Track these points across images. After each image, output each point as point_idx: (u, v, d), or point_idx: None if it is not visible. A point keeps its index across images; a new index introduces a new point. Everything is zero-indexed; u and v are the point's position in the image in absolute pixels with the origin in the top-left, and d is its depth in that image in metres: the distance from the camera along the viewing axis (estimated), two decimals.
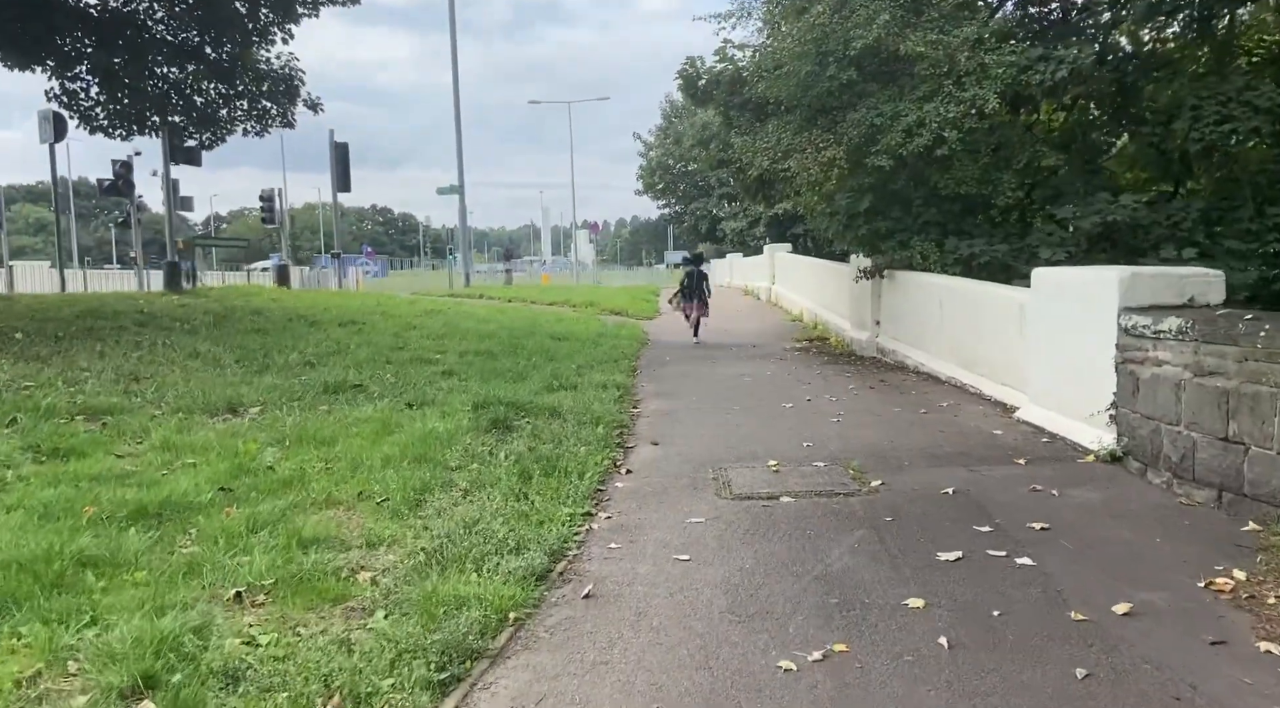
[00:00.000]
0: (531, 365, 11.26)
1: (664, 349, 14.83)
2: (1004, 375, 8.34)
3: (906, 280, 11.83)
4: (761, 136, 13.19)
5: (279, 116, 18.29)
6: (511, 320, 17.18)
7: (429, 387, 9.22)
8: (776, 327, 19.11)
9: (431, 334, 14.13)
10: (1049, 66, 10.89)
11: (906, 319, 11.79)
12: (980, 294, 9.05)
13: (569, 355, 12.56)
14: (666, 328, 18.94)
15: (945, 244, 11.66)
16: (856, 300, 13.87)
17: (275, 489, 5.43)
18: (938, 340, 10.44)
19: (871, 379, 10.58)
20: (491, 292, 26.07)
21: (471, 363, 11.24)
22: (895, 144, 11.30)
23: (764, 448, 6.93)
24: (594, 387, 9.80)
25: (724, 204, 52.30)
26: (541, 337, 14.59)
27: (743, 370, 11.90)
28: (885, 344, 12.58)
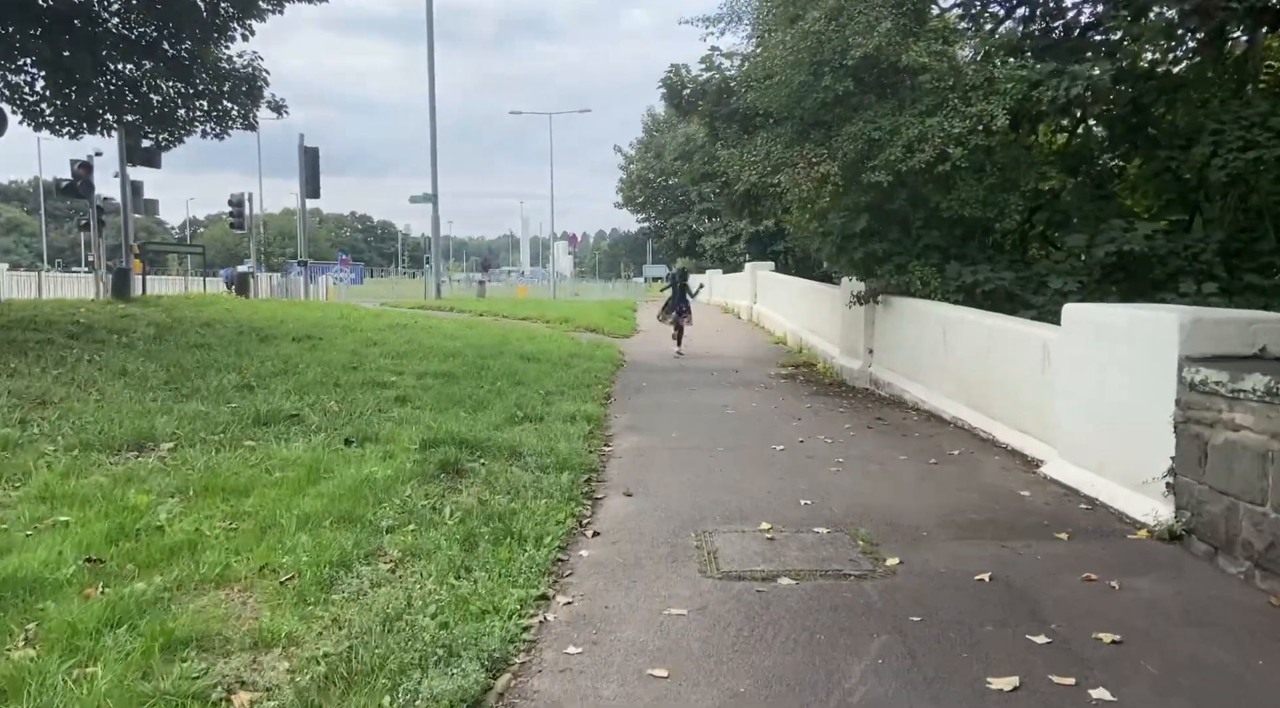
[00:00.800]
0: (495, 392, 10.26)
1: (640, 372, 13.88)
2: (1022, 421, 7.46)
3: (904, 307, 10.97)
4: (750, 149, 12.31)
5: (240, 118, 17.20)
6: (480, 337, 16.17)
7: (377, 417, 8.20)
8: (759, 349, 18.23)
9: (391, 352, 13.09)
10: (1062, 82, 10.10)
11: (904, 350, 10.92)
12: (994, 329, 8.17)
13: (537, 379, 11.58)
14: (644, 348, 17.99)
15: (946, 269, 10.83)
16: (848, 326, 13.00)
17: (159, 560, 4.40)
18: (940, 376, 9.56)
19: (867, 416, 9.68)
20: (462, 304, 25.02)
21: (429, 387, 10.22)
22: (895, 159, 10.47)
23: (754, 504, 5.98)
24: (562, 419, 8.83)
25: (704, 219, 51.58)
26: (510, 357, 13.59)
27: (725, 400, 10.97)
28: (879, 375, 11.70)
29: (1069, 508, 5.73)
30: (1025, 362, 7.37)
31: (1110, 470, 5.69)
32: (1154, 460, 5.14)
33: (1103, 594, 4.25)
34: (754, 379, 13.34)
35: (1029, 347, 7.33)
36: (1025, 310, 10.25)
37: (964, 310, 9.25)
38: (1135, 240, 10.15)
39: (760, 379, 13.34)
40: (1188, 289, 10.06)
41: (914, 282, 10.80)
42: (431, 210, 27.83)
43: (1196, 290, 10.01)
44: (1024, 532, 5.26)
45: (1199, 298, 9.97)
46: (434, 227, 28.76)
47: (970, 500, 5.98)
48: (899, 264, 11.11)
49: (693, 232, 53.97)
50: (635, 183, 55.93)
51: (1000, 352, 7.98)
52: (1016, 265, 10.99)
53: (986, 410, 8.23)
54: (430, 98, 28.23)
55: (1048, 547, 4.97)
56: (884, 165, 10.59)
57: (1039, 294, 10.47)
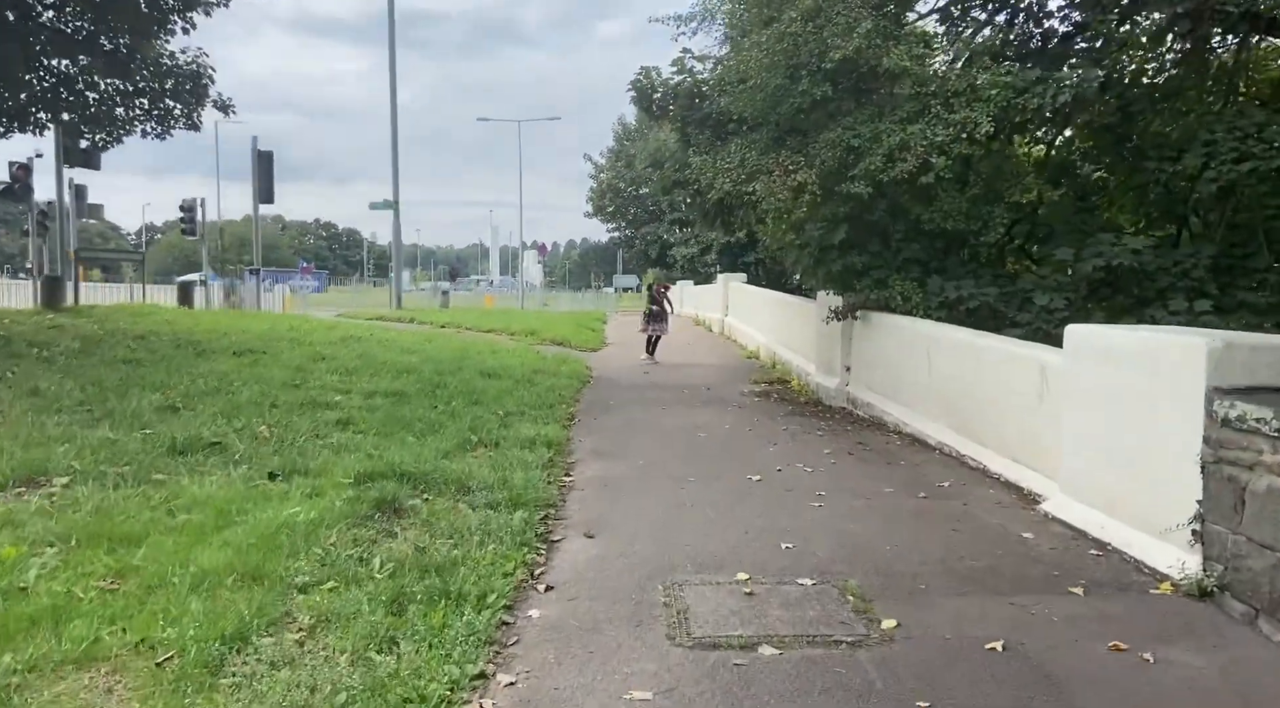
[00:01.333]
0: (449, 413, 9.53)
1: (608, 389, 13.20)
2: (1017, 450, 6.88)
3: (884, 324, 10.41)
4: (723, 156, 11.73)
5: (184, 117, 16.33)
6: (438, 351, 15.39)
7: (313, 444, 7.44)
8: (732, 364, 17.63)
9: (340, 368, 12.29)
10: (1049, 90, 9.63)
11: (884, 368, 10.35)
12: (984, 349, 7.61)
13: (497, 398, 10.86)
14: (612, 362, 17.31)
15: (928, 284, 10.29)
16: (824, 342, 12.43)
17: (14, 632, 3.64)
18: (924, 397, 8.99)
19: (847, 440, 9.08)
20: (424, 315, 24.17)
21: (377, 408, 9.46)
22: (875, 169, 9.92)
23: (729, 547, 5.33)
24: (519, 444, 8.13)
25: (675, 229, 51.10)
26: (469, 373, 12.84)
27: (697, 421, 10.32)
28: (858, 394, 11.12)
29: (1079, 555, 5.13)
30: (1020, 386, 6.80)
31: (1123, 511, 5.11)
32: (1176, 503, 4.56)
33: (1136, 670, 3.63)
34: (727, 397, 12.71)
35: (1024, 370, 6.76)
36: (1010, 329, 9.75)
37: (949, 329, 8.70)
38: (1124, 255, 9.68)
39: (733, 397, 12.72)
40: (1178, 306, 9.61)
41: (894, 297, 10.25)
42: (393, 217, 26.96)
43: (1188, 308, 9.56)
44: (1033, 585, 4.65)
45: (1191, 316, 9.52)
46: (395, 234, 27.87)
47: (968, 544, 5.37)
48: (878, 278, 10.55)
49: (663, 242, 53.47)
50: (605, 192, 55.35)
51: (991, 374, 7.41)
52: (1000, 281, 10.48)
53: (976, 437, 7.66)
54: (392, 105, 27.40)
55: (1063, 605, 4.35)
56: (864, 175, 10.05)
57: (1024, 311, 9.97)
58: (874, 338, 10.72)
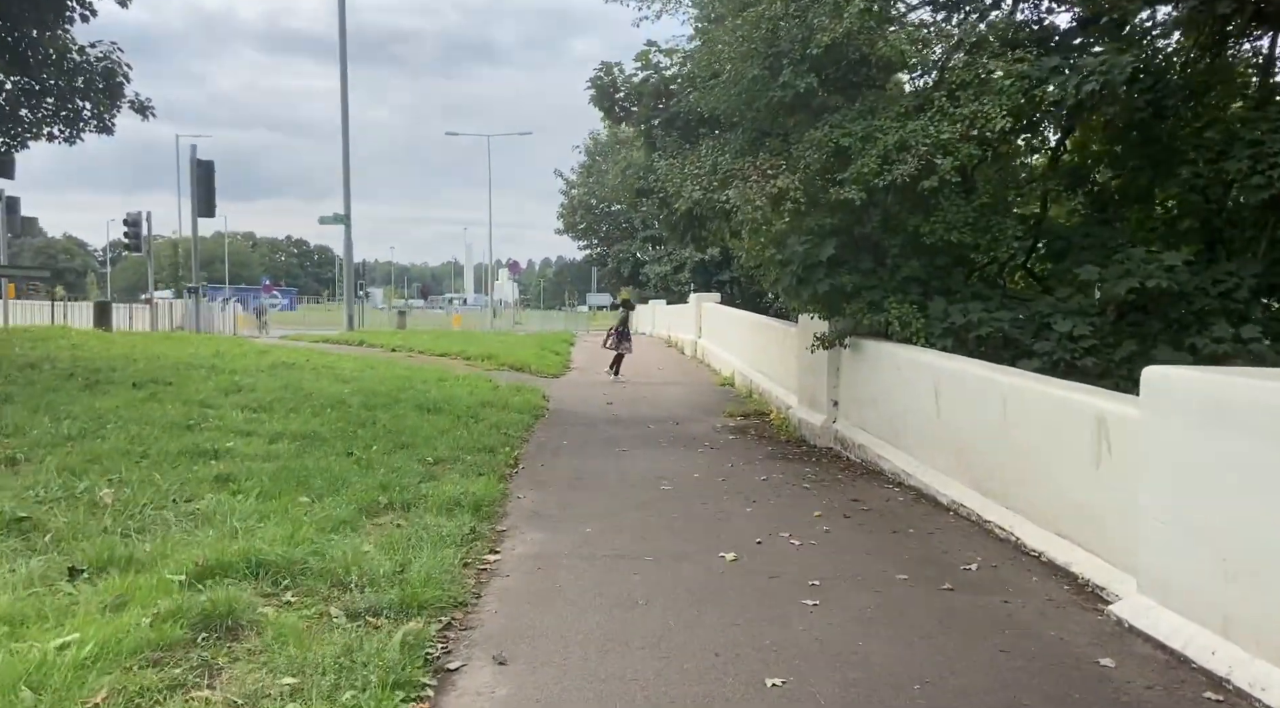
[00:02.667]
0: (364, 462, 7.94)
1: (564, 425, 11.63)
2: (1061, 522, 5.40)
3: (879, 354, 8.95)
4: (692, 160, 10.26)
5: (94, 118, 14.66)
6: (379, 380, 13.76)
7: (163, 516, 5.81)
8: (704, 391, 16.12)
9: (254, 402, 10.64)
10: (1071, 80, 8.26)
11: (880, 406, 8.88)
12: (1015, 391, 6.13)
13: (429, 441, 9.28)
14: (573, 391, 15.74)
15: (930, 308, 8.85)
16: (809, 373, 10.95)
17: None
18: (932, 444, 7.52)
19: (840, 495, 7.56)
20: (377, 337, 22.44)
21: (277, 457, 7.85)
22: (868, 172, 8.50)
23: (693, 689, 3.77)
24: (440, 506, 6.56)
25: (648, 247, 49.73)
26: (405, 408, 11.25)
27: (662, 467, 8.79)
28: (848, 434, 9.63)
29: (1192, 700, 3.63)
30: (1067, 441, 5.33)
31: (1246, 633, 3.63)
32: None
33: None
34: (698, 434, 11.19)
35: (1073, 420, 5.29)
36: (1026, 360, 8.32)
37: (963, 362, 7.23)
38: (1159, 274, 8.30)
39: (705, 434, 11.19)
40: (1222, 333, 8.23)
41: (891, 322, 8.80)
42: (344, 233, 25.27)
43: (1234, 335, 8.19)
44: None
45: (1237, 344, 8.15)
46: (346, 250, 26.16)
47: (1026, 676, 3.85)
48: (872, 300, 9.10)
49: (635, 260, 52.07)
50: (576, 208, 53.95)
51: (1025, 423, 5.94)
52: (1011, 303, 9.06)
53: (1003, 499, 6.17)
54: (343, 117, 25.87)
55: None
56: (855, 179, 8.61)
57: (1042, 339, 8.53)
58: (867, 370, 9.26)
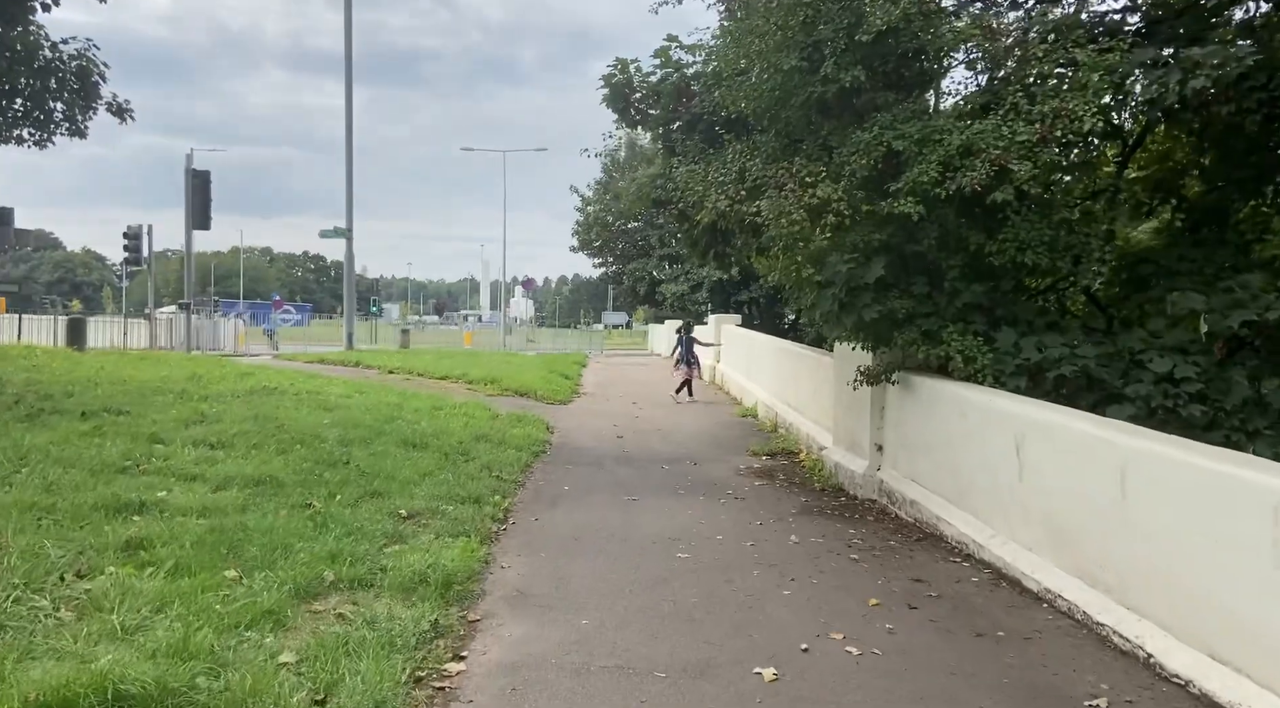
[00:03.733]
0: (322, 516, 6.63)
1: (566, 465, 10.28)
2: (1224, 642, 4.00)
3: (938, 394, 7.56)
4: (717, 167, 8.97)
5: (66, 120, 13.54)
6: (365, 409, 12.47)
7: (32, 602, 4.50)
8: (725, 424, 14.73)
9: (215, 435, 9.37)
10: (1173, 75, 6.91)
11: (937, 456, 7.48)
12: (1142, 457, 4.71)
13: (408, 486, 7.99)
14: (582, 420, 14.39)
15: (998, 340, 7.47)
16: (847, 410, 9.57)
17: None
18: (1011, 511, 6.12)
19: (898, 571, 6.16)
20: (376, 358, 21.15)
21: (218, 511, 6.55)
22: (927, 181, 7.17)
23: None
24: (401, 584, 5.27)
25: (664, 265, 48.41)
26: (388, 442, 9.96)
27: (678, 525, 7.43)
28: (895, 486, 8.23)
29: None
30: (1229, 532, 3.94)
31: None
32: None
33: None
34: (719, 478, 9.81)
35: (1237, 505, 3.91)
36: (1115, 406, 6.93)
37: (1060, 413, 5.82)
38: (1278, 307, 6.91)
39: (727, 478, 9.82)
40: None
41: (951, 356, 7.41)
42: (345, 247, 24.08)
43: None
44: None
45: None
46: (347, 265, 24.94)
47: None
48: (927, 330, 7.72)
49: (652, 278, 50.69)
50: (592, 225, 52.72)
51: (1156, 501, 4.54)
52: (1093, 337, 7.66)
53: (1121, 596, 4.76)
54: (347, 136, 24.85)
55: None
56: (910, 189, 7.28)
57: (1134, 381, 7.13)
58: (920, 411, 7.87)
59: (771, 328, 34.51)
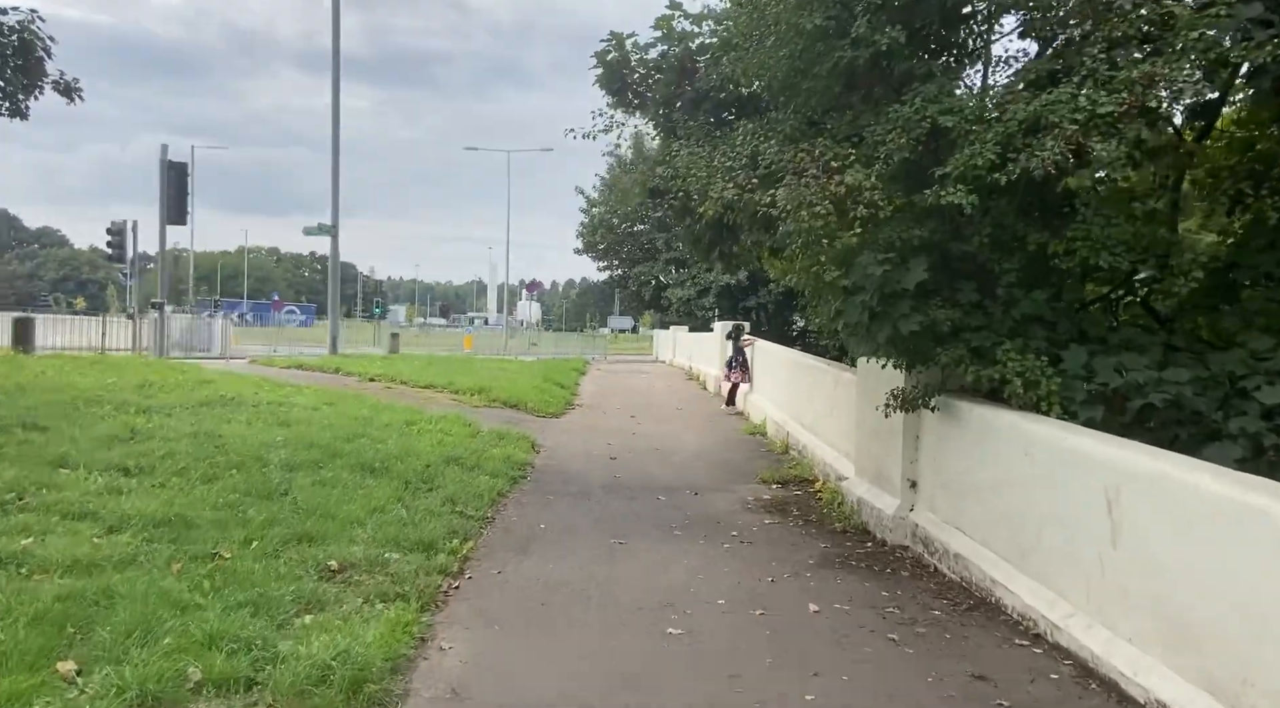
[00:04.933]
0: (231, 571, 5.30)
1: (547, 495, 8.92)
2: None
3: (991, 426, 6.17)
4: (724, 150, 7.60)
5: (6, 99, 12.24)
6: (327, 424, 11.13)
7: None
8: (731, 442, 13.35)
9: (139, 456, 8.06)
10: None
11: (990, 501, 6.09)
12: None
13: (350, 526, 6.67)
14: (573, 437, 13.02)
15: (1066, 360, 6.09)
16: (873, 437, 8.18)
17: None
18: (1099, 584, 4.73)
19: (952, 663, 4.77)
20: (358, 365, 19.76)
21: (92, 568, 5.22)
22: (983, 166, 5.79)
23: None
24: (298, 678, 3.97)
25: (671, 269, 47.09)
26: (341, 467, 8.64)
27: (672, 583, 6.07)
28: (934, 532, 6.84)
29: None
30: None
31: None
32: None
33: None
34: (723, 513, 8.45)
35: None
36: (1215, 444, 5.55)
37: (1175, 462, 4.41)
38: None
39: (733, 512, 8.46)
40: None
41: (1009, 379, 6.02)
42: (331, 246, 22.72)
43: None
44: None
45: None
46: (332, 264, 23.58)
47: None
48: (978, 347, 6.35)
49: (658, 283, 49.38)
50: (597, 227, 51.43)
51: None
52: (1181, 357, 6.27)
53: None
54: (334, 127, 23.60)
55: None
56: (962, 175, 5.91)
57: (1236, 413, 5.74)
58: (968, 445, 6.48)
59: (780, 336, 33.07)
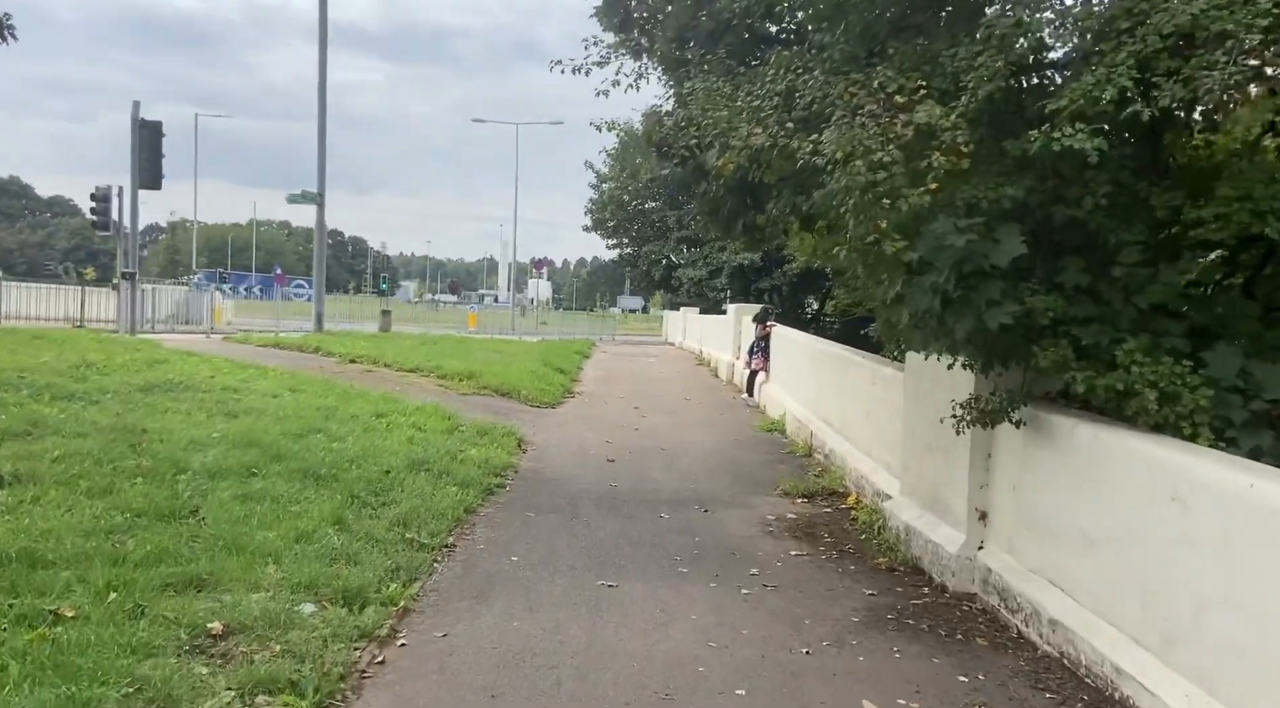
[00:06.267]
0: (61, 642, 3.78)
1: (527, 511, 7.38)
2: None
3: (1114, 453, 4.55)
4: (748, 88, 5.96)
5: None
6: (283, 416, 9.62)
7: None
8: (746, 442, 11.77)
9: (20, 459, 6.56)
10: None
11: (1110, 557, 4.49)
12: None
13: (261, 561, 5.20)
14: (568, 433, 11.47)
15: (1209, 364, 4.48)
16: (928, 452, 6.59)
17: None
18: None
19: None
20: (337, 344, 18.12)
21: None
22: (1110, 99, 4.16)
23: None
24: None
25: (682, 248, 45.39)
26: (279, 474, 7.17)
27: (671, 655, 4.53)
28: (1016, 585, 5.26)
29: None
30: None
31: None
32: None
33: None
34: (739, 539, 6.91)
35: None
36: None
37: None
38: None
39: (751, 539, 6.91)
40: None
41: (1137, 389, 4.41)
42: (316, 214, 21.11)
43: None
44: None
45: None
46: (318, 233, 21.90)
47: None
48: (1092, 344, 4.73)
49: (669, 262, 47.68)
50: (607, 204, 49.68)
51: None
52: None
53: None
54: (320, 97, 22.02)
55: None
56: (1080, 110, 4.29)
57: None
58: (1072, 473, 4.88)
59: (795, 319, 31.39)
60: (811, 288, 42.46)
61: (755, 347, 15.79)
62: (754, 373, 15.79)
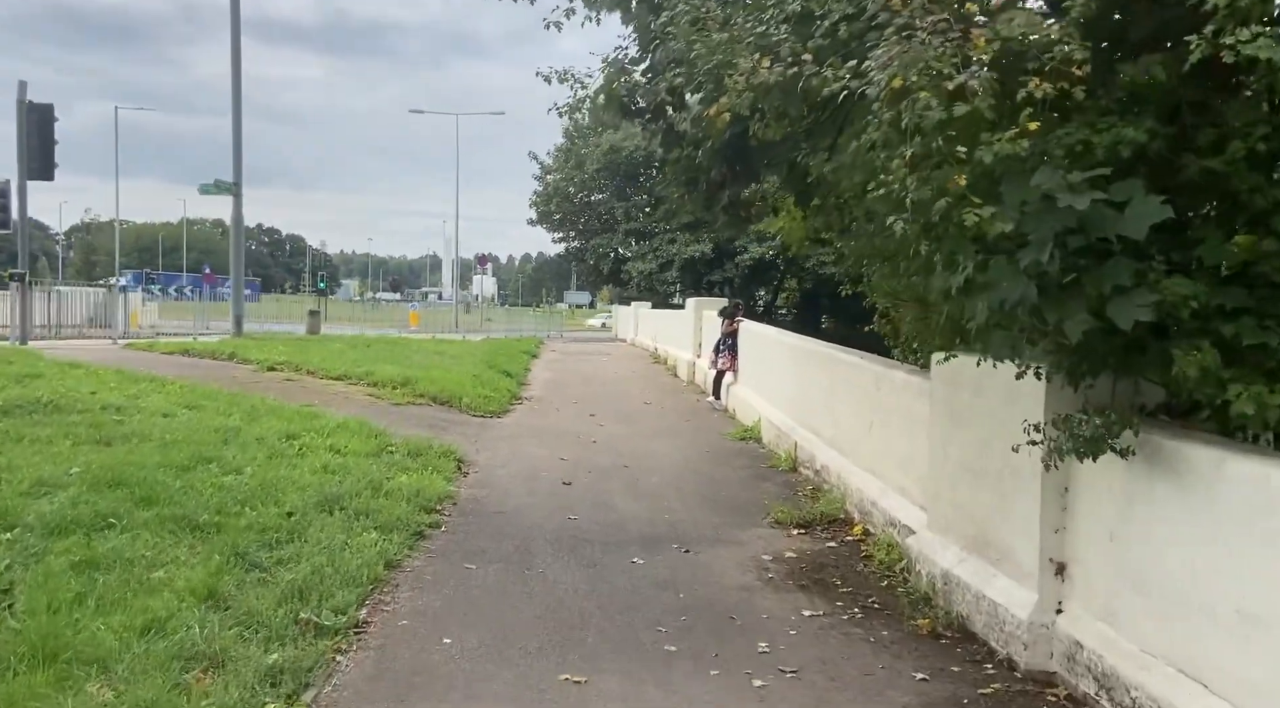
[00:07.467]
0: None
1: (465, 565, 5.80)
2: None
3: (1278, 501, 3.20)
4: (753, 9, 4.49)
5: None
6: (166, 443, 7.93)
7: None
8: (719, 454, 10.33)
9: None
10: None
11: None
12: None
13: (74, 676, 3.52)
14: (515, 448, 9.88)
15: None
16: (976, 481, 5.21)
17: None
18: None
19: None
20: (255, 350, 16.08)
21: None
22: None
23: None
24: None
25: (630, 241, 43.98)
26: (144, 525, 5.58)
27: None
28: (1122, 669, 3.91)
29: None
30: None
31: None
32: None
33: None
34: (733, 593, 5.47)
35: None
36: None
37: None
38: None
39: (749, 592, 5.48)
40: None
41: None
42: (233, 207, 19.11)
43: None
44: None
45: None
46: (234, 228, 19.85)
47: None
48: (1246, 348, 3.37)
49: (617, 255, 46.25)
50: (552, 196, 48.02)
51: None
52: None
53: None
54: (234, 86, 20.10)
55: None
56: (1245, 9, 2.90)
57: None
58: (1212, 523, 3.56)
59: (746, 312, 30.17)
60: (763, 280, 41.45)
61: (721, 344, 14.40)
62: (720, 373, 14.40)
